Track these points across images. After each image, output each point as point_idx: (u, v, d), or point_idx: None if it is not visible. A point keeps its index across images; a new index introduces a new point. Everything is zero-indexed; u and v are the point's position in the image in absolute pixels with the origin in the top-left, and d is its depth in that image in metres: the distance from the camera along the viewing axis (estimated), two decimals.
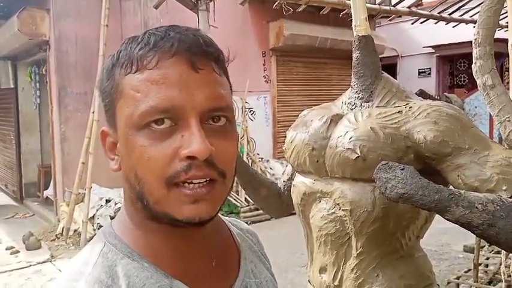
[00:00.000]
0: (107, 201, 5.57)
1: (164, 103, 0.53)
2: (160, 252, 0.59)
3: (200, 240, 0.62)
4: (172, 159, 0.54)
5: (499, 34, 2.55)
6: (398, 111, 1.21)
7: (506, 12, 1.91)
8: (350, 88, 1.39)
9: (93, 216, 5.40)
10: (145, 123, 0.54)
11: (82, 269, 0.56)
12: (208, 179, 0.55)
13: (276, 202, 1.62)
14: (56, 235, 5.45)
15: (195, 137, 0.53)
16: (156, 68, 0.54)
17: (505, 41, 1.88)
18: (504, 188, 1.05)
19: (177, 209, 0.55)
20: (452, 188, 1.04)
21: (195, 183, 0.54)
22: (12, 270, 4.52)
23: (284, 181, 1.60)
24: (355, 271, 1.23)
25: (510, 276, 2.08)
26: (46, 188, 6.84)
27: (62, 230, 5.43)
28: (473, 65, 1.29)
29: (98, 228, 5.29)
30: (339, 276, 1.26)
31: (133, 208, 0.60)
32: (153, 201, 0.56)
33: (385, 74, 1.38)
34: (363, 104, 1.33)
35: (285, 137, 1.45)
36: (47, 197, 6.75)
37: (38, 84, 7.34)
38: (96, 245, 0.59)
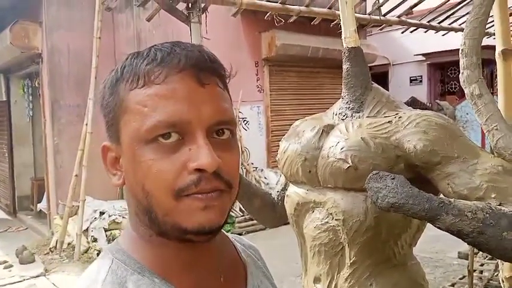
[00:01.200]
0: (101, 213, 5.54)
1: (172, 117, 0.54)
2: (171, 267, 0.59)
3: (208, 255, 0.62)
4: (181, 172, 0.54)
5: (489, 41, 2.59)
6: (388, 121, 1.23)
7: (494, 22, 1.94)
8: (341, 99, 1.41)
9: (87, 229, 5.36)
10: (152, 138, 0.55)
11: (91, 287, 0.55)
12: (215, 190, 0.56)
13: (270, 212, 1.63)
14: (50, 248, 5.40)
15: (203, 150, 0.54)
16: (164, 83, 0.55)
17: (495, 48, 1.92)
18: (493, 195, 1.06)
19: (187, 218, 0.55)
20: (442, 197, 1.06)
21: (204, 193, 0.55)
22: (5, 285, 4.46)
23: (278, 191, 1.61)
24: (349, 280, 1.23)
25: (503, 281, 2.09)
26: (39, 201, 6.79)
27: (56, 243, 5.38)
28: (460, 75, 1.32)
29: (93, 241, 5.25)
30: (333, 286, 1.27)
31: (141, 223, 0.60)
32: (162, 213, 0.56)
33: (375, 85, 1.41)
34: (353, 115, 1.35)
35: (279, 146, 1.47)
36: (40, 210, 6.70)
37: (30, 97, 7.33)
38: (104, 262, 0.59)
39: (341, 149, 1.22)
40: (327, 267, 1.27)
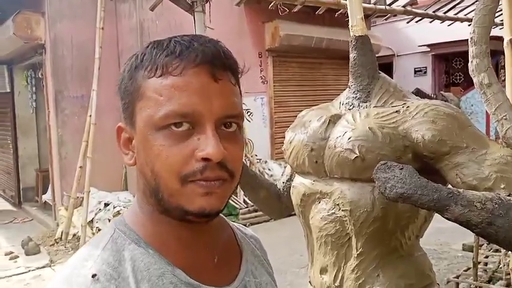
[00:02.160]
0: (106, 204, 5.56)
1: (185, 108, 0.58)
2: (166, 242, 0.63)
3: (204, 236, 0.66)
4: (189, 159, 0.59)
5: (495, 32, 2.56)
6: (396, 111, 1.22)
7: (502, 11, 1.91)
8: (347, 88, 1.39)
9: (92, 220, 5.38)
10: (165, 125, 0.59)
11: (92, 252, 0.60)
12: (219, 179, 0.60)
13: (276, 203, 1.62)
14: (55, 239, 5.44)
15: (211, 141, 0.58)
16: (180, 75, 0.59)
17: (501, 39, 1.89)
18: (502, 186, 1.05)
19: (190, 201, 0.59)
20: (451, 187, 1.04)
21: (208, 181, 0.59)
22: (11, 276, 4.50)
23: (283, 182, 1.60)
24: (355, 271, 1.23)
25: (509, 274, 2.08)
26: (44, 192, 6.82)
27: (61, 234, 5.41)
28: (469, 64, 1.30)
29: (98, 232, 5.28)
30: (339, 277, 1.26)
31: (146, 201, 0.64)
32: (168, 194, 0.60)
33: (382, 74, 1.39)
34: (360, 104, 1.33)
35: (283, 137, 1.45)
36: (45, 201, 6.74)
37: (34, 88, 7.33)
38: (107, 231, 0.64)
39: (348, 139, 1.20)
40: (334, 258, 1.27)
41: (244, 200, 6.08)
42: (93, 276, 0.56)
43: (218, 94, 0.60)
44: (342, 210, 1.22)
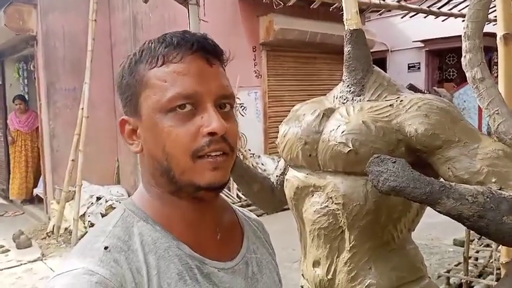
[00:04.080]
0: (98, 198, 5.54)
1: (188, 90, 0.65)
2: (172, 220, 0.70)
3: (208, 215, 0.73)
4: (196, 136, 0.65)
5: (488, 28, 2.56)
6: (390, 105, 1.22)
7: (495, 6, 1.92)
8: (341, 82, 1.39)
9: (84, 214, 5.36)
10: (171, 107, 0.65)
11: (104, 228, 0.67)
12: (222, 152, 0.67)
13: (269, 197, 1.62)
14: (47, 233, 5.40)
15: (214, 117, 0.65)
16: (181, 62, 0.67)
17: (494, 35, 1.90)
18: (494, 180, 1.06)
19: (200, 176, 0.66)
20: (443, 181, 1.05)
21: (214, 155, 0.66)
22: (2, 270, 4.47)
23: (277, 176, 1.60)
24: (348, 264, 1.23)
25: (500, 269, 2.11)
26: (35, 185, 6.77)
27: (53, 228, 5.38)
28: (462, 59, 1.30)
29: (90, 226, 5.26)
30: (332, 270, 1.27)
31: (154, 183, 0.71)
32: (179, 172, 0.66)
33: (376, 68, 1.39)
34: (354, 98, 1.33)
35: (276, 132, 1.45)
36: (36, 194, 6.69)
37: (26, 81, 7.25)
38: (118, 211, 0.71)
39: (342, 132, 1.20)
40: (327, 251, 1.27)
41: (237, 194, 6.09)
42: (105, 248, 0.63)
43: (214, 77, 0.68)
44: (335, 204, 1.23)
